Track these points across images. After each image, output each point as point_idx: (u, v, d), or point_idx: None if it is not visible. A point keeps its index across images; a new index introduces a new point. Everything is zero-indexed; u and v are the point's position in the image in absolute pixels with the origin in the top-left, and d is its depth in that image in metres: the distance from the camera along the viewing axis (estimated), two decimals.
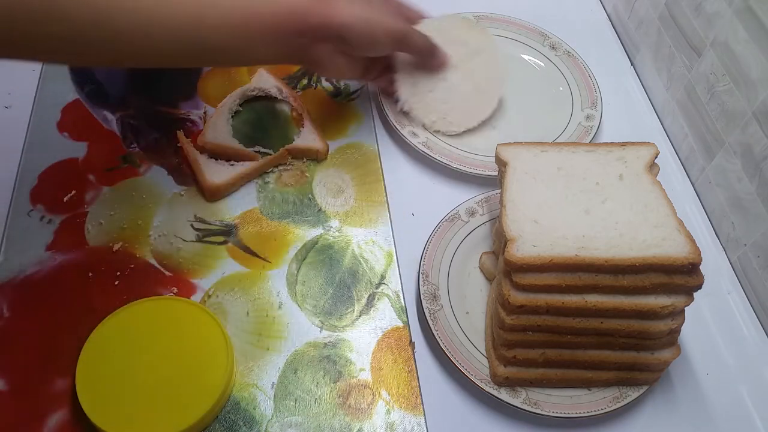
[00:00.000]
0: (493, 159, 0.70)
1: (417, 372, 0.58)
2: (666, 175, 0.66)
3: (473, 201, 0.66)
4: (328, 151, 0.71)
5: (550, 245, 0.51)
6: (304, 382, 0.56)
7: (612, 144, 0.59)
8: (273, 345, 0.58)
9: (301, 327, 0.59)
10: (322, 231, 0.65)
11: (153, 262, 0.62)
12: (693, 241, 0.51)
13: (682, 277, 0.51)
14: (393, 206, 0.68)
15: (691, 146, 0.73)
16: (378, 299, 0.61)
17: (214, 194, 0.66)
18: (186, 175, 0.68)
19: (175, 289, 0.60)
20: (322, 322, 0.60)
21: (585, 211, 0.54)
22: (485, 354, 0.58)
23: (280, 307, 0.60)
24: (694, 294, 0.52)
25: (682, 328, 0.53)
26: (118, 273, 0.61)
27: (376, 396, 0.56)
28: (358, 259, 0.64)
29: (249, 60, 0.66)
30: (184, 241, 0.63)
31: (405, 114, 0.73)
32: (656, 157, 0.58)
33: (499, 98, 0.75)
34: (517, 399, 0.55)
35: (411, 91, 0.72)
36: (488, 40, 0.76)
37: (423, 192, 0.70)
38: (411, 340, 0.59)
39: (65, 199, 0.65)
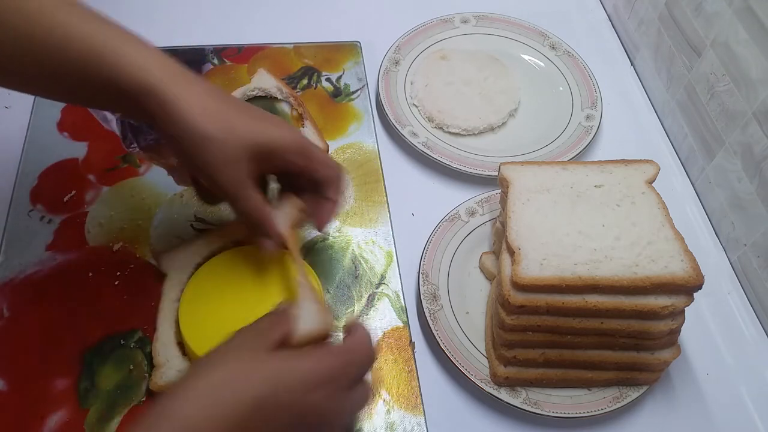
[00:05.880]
0: (493, 159, 0.71)
1: (417, 372, 0.58)
2: (666, 175, 0.66)
3: (473, 201, 0.66)
4: (328, 151, 0.71)
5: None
6: None
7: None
8: None
9: None
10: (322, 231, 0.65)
11: (153, 262, 0.62)
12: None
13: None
14: (393, 206, 0.68)
15: (691, 146, 0.73)
16: (378, 299, 0.61)
17: (214, 195, 0.66)
18: (186, 175, 0.68)
19: None
20: None
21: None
22: (485, 354, 0.58)
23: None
24: (694, 294, 0.52)
25: (682, 328, 0.54)
26: (118, 273, 0.61)
27: (376, 396, 0.56)
28: (358, 259, 0.64)
29: None
30: (185, 241, 0.63)
31: (413, 106, 0.76)
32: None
33: (509, 111, 0.76)
34: (517, 399, 0.55)
35: (423, 88, 0.76)
36: (507, 71, 0.79)
37: (423, 192, 0.70)
38: (411, 340, 0.59)
39: (65, 199, 0.65)
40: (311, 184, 0.55)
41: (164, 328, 0.56)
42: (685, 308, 0.52)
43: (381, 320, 0.60)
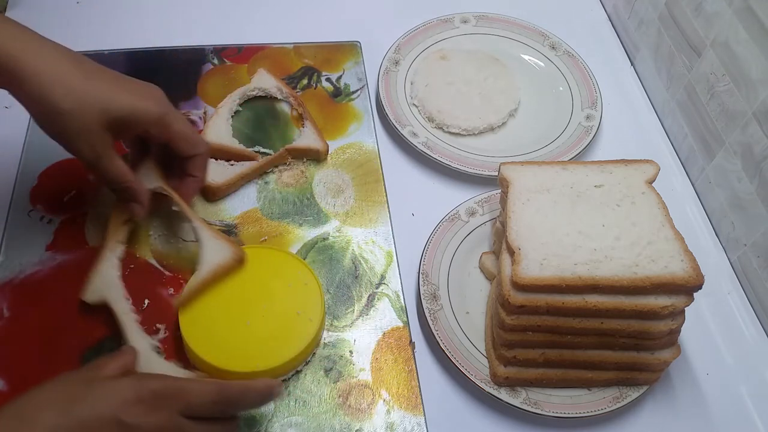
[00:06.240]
0: (493, 159, 0.71)
1: (417, 372, 0.58)
2: (666, 175, 0.66)
3: (473, 201, 0.66)
4: (328, 151, 0.71)
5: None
6: (304, 382, 0.56)
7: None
8: None
9: None
10: (322, 231, 0.65)
11: (153, 262, 0.62)
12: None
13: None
14: (393, 206, 0.68)
15: (691, 146, 0.73)
16: (378, 299, 0.61)
17: (214, 194, 0.66)
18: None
19: (172, 290, 0.60)
20: None
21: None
22: (485, 354, 0.58)
23: None
24: (694, 294, 0.52)
25: (682, 328, 0.54)
26: (118, 273, 0.61)
27: (376, 396, 0.56)
28: (358, 259, 0.64)
29: None
30: (184, 241, 0.63)
31: (413, 106, 0.76)
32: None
33: (509, 111, 0.76)
34: (517, 399, 0.55)
35: (423, 88, 0.76)
36: (507, 71, 0.79)
37: (423, 192, 0.70)
38: (411, 340, 0.59)
39: (65, 199, 0.65)
40: (179, 159, 0.55)
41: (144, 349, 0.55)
42: (685, 308, 0.52)
43: (381, 320, 0.60)
